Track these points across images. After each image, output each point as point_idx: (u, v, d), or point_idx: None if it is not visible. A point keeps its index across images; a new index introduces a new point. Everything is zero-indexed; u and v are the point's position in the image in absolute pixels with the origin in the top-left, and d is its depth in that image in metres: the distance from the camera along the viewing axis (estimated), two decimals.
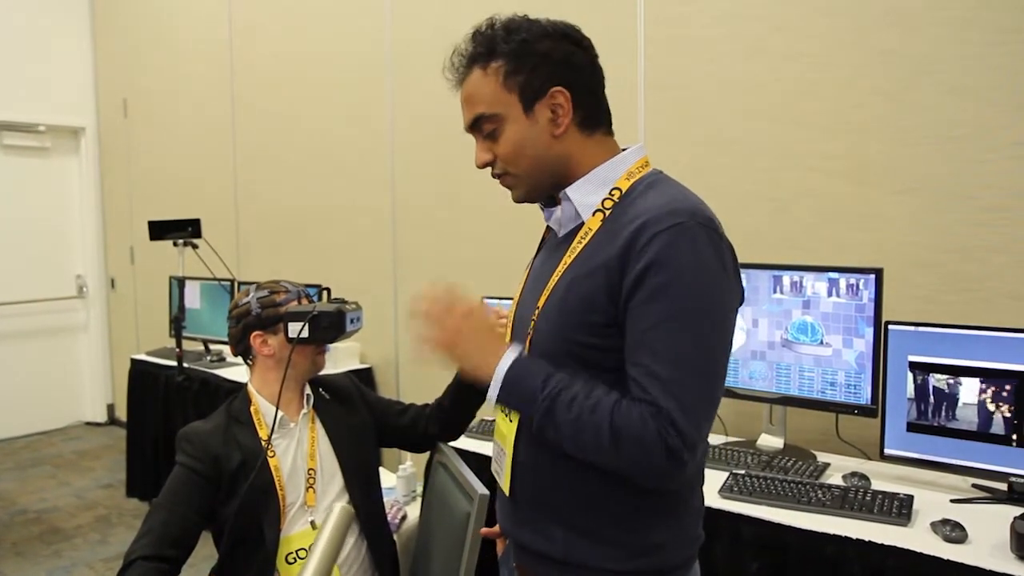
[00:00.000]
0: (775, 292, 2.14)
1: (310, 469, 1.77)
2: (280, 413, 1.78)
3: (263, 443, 1.74)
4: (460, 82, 1.22)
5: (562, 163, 1.19)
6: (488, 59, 1.17)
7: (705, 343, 1.06)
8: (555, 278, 1.17)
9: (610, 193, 1.18)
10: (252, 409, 1.79)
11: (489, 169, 1.23)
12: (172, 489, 1.67)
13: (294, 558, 1.70)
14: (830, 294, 2.05)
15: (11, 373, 5.47)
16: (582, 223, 1.19)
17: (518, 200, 1.25)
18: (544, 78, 1.16)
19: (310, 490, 1.76)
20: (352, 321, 1.78)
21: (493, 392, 1.14)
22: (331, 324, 1.73)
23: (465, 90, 1.21)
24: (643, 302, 1.06)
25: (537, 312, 1.18)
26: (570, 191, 1.19)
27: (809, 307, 2.09)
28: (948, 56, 2.13)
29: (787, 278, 2.13)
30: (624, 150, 1.22)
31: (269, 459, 1.74)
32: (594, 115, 1.20)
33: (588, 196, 1.18)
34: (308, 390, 1.86)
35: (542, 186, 1.21)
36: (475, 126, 1.21)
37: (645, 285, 1.05)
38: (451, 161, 3.42)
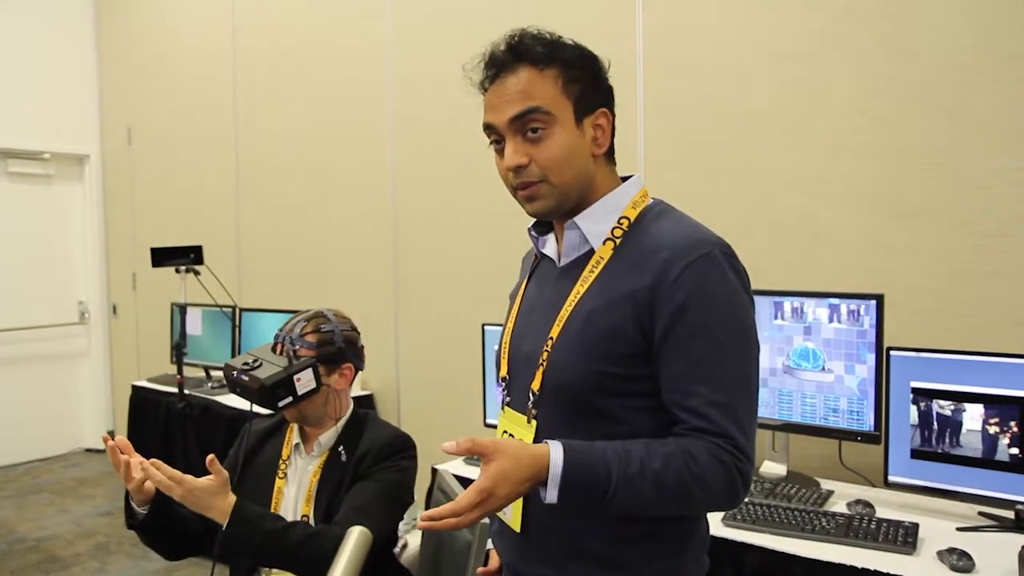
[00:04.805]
0: (776, 318, 2.14)
1: (303, 515, 1.74)
2: (296, 439, 1.84)
3: (281, 461, 1.81)
4: (497, 77, 1.16)
5: (589, 183, 1.18)
6: (547, 62, 1.13)
7: (747, 366, 1.11)
8: (568, 308, 1.16)
9: (619, 222, 1.18)
10: (291, 425, 1.85)
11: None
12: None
13: None
14: (831, 320, 2.05)
15: (12, 399, 5.45)
16: (590, 252, 1.19)
17: (540, 212, 1.18)
18: (595, 95, 1.17)
19: None
20: (236, 389, 1.72)
21: (553, 498, 1.03)
22: None
23: (514, 84, 1.13)
24: (686, 336, 1.07)
25: (550, 343, 1.16)
26: (579, 220, 1.18)
27: (810, 333, 2.09)
28: (946, 82, 2.14)
29: (788, 304, 2.12)
30: (624, 180, 1.23)
31: (278, 479, 1.79)
32: (612, 146, 1.22)
33: (597, 224, 1.18)
34: (326, 439, 1.80)
35: (569, 201, 1.17)
36: (520, 119, 1.12)
37: (685, 319, 1.07)
38: (451, 187, 3.44)
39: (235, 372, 1.71)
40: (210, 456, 1.54)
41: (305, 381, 1.72)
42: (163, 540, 1.73)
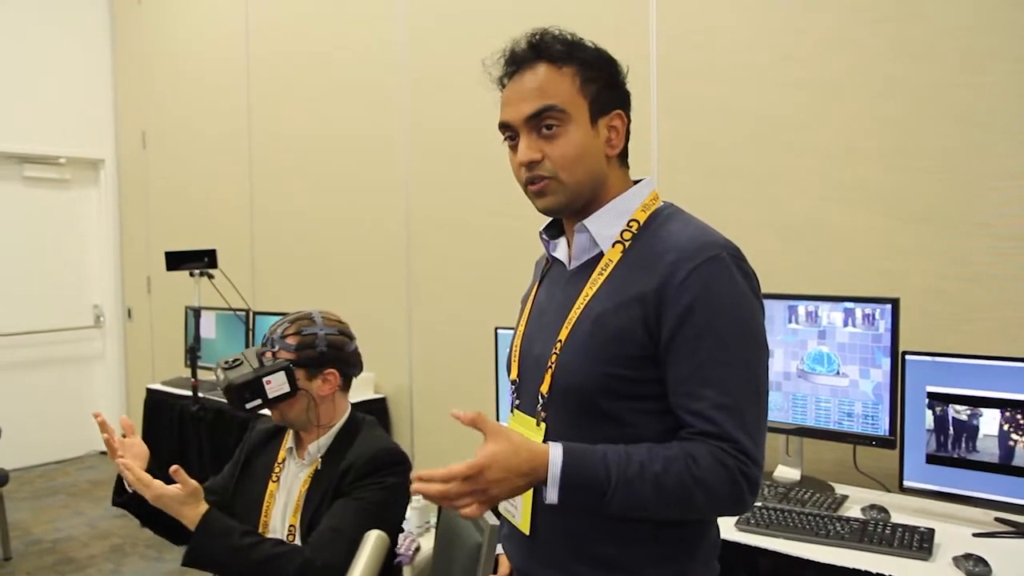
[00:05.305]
0: (790, 322, 2.13)
1: (291, 525, 1.70)
2: (291, 443, 1.81)
3: (276, 465, 1.80)
4: (516, 73, 1.17)
5: (601, 184, 1.19)
6: (565, 60, 1.15)
7: (755, 369, 1.09)
8: (577, 311, 1.16)
9: (628, 224, 1.18)
10: (289, 431, 1.82)
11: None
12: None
13: None
14: (846, 324, 2.03)
15: (28, 402, 5.49)
16: (600, 255, 1.19)
17: (549, 208, 1.19)
18: (611, 97, 1.18)
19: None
20: (220, 389, 1.73)
21: (553, 498, 1.03)
22: None
23: (531, 80, 1.15)
24: (693, 338, 1.07)
25: (559, 345, 1.16)
26: (588, 222, 1.19)
27: (825, 337, 2.07)
28: (957, 84, 2.13)
29: (802, 308, 2.11)
30: (636, 183, 1.23)
31: (271, 483, 1.77)
32: (626, 149, 1.23)
33: (606, 227, 1.19)
34: (315, 447, 1.74)
35: (580, 200, 1.18)
36: (536, 117, 1.14)
37: (692, 321, 1.07)
38: (465, 189, 3.44)
39: (218, 370, 1.72)
40: (174, 467, 1.53)
41: (276, 384, 1.67)
42: (151, 522, 1.75)
